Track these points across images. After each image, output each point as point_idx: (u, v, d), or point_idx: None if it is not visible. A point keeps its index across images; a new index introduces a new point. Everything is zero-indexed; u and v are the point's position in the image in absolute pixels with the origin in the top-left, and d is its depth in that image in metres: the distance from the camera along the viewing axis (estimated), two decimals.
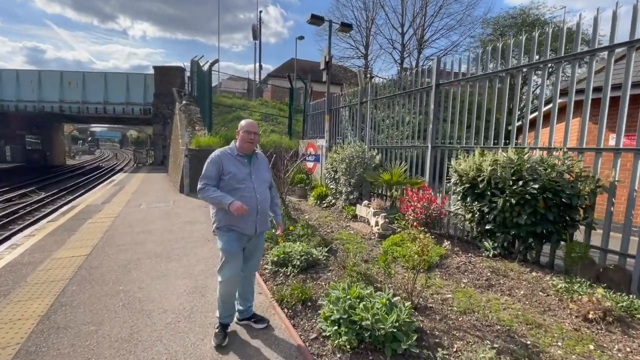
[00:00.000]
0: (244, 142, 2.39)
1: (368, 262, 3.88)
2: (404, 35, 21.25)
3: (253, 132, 2.38)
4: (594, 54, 3.63)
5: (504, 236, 3.84)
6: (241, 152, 2.41)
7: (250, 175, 2.41)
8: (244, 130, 2.38)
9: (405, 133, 6.26)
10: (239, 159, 2.39)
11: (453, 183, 4.29)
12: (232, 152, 2.40)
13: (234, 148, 2.42)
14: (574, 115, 4.42)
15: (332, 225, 5.59)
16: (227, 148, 2.43)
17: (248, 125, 2.40)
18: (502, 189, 3.74)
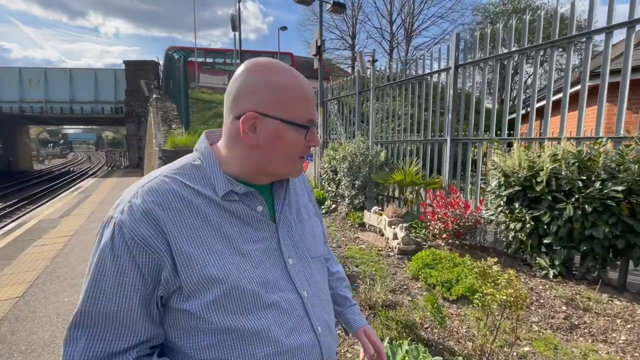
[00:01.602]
0: (290, 148, 0.69)
1: (397, 293, 2.97)
2: (392, 24, 20.44)
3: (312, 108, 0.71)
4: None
5: (568, 252, 3.00)
6: (254, 180, 0.72)
7: (283, 258, 0.72)
8: (296, 94, 0.68)
9: (416, 125, 5.37)
10: (241, 209, 0.69)
11: (495, 185, 3.42)
12: (218, 183, 0.67)
13: (220, 175, 0.68)
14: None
15: (337, 237, 4.65)
16: (188, 169, 0.69)
17: (300, 84, 0.69)
18: (568, 192, 2.89)
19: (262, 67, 0.67)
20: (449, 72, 4.70)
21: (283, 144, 0.66)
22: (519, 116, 3.89)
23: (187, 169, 0.67)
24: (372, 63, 5.81)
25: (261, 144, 0.66)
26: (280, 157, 0.68)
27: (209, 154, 0.69)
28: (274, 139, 0.66)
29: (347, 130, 7.50)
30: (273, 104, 0.65)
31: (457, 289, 2.83)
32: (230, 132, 0.68)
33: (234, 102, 0.67)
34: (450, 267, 3.18)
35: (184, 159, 0.70)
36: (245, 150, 0.67)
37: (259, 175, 0.71)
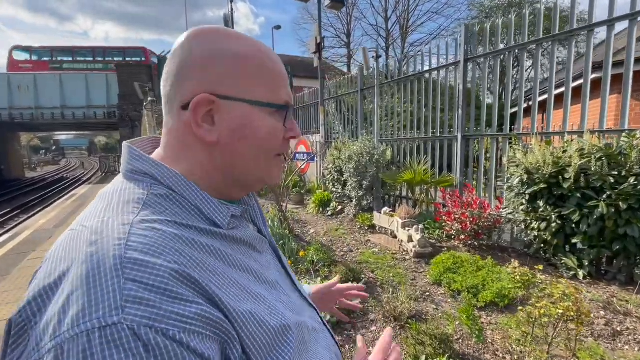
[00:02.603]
0: (268, 140, 0.51)
1: (419, 301, 2.79)
2: (387, 21, 20.26)
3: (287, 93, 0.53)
4: None
5: (598, 251, 2.84)
6: (226, 196, 0.53)
7: (290, 275, 0.61)
8: (270, 75, 0.50)
9: (423, 122, 5.20)
10: (243, 233, 0.52)
11: (517, 183, 3.25)
12: (214, 211, 0.48)
13: (209, 199, 0.48)
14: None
15: (348, 241, 4.46)
16: (161, 204, 0.44)
17: (272, 60, 0.51)
18: (598, 189, 2.73)
19: (212, 32, 0.48)
20: (458, 66, 4.54)
21: (254, 136, 0.48)
22: (534, 110, 3.74)
23: (159, 205, 0.43)
24: (376, 59, 5.62)
25: (224, 139, 0.47)
26: (252, 154, 0.49)
27: (172, 174, 0.46)
28: (241, 130, 0.48)
29: (347, 129, 7.34)
30: (235, 81, 0.47)
31: (485, 295, 2.66)
32: (177, 132, 0.48)
33: (175, 87, 0.47)
34: (474, 270, 3.02)
35: (127, 194, 0.44)
36: (204, 153, 0.48)
37: (230, 187, 0.52)
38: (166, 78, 0.48)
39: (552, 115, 3.59)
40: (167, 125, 0.50)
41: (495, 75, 4.13)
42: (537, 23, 3.64)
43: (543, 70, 14.08)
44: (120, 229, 0.38)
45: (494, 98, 4.21)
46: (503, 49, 4.09)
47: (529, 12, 3.80)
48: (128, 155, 0.48)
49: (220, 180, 0.50)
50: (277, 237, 3.89)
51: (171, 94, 0.47)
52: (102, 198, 0.45)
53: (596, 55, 5.65)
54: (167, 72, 0.48)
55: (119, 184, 0.47)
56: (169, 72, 0.48)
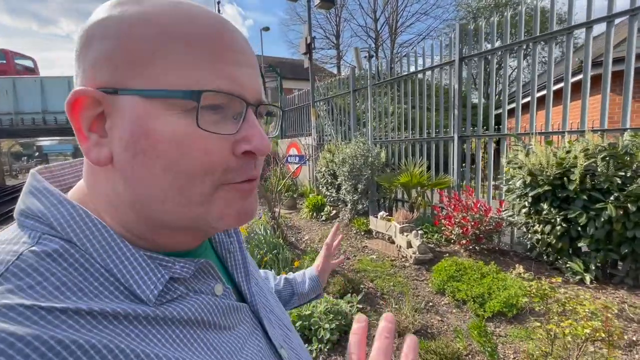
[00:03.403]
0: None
1: (423, 312, 2.64)
2: (376, 22, 20.24)
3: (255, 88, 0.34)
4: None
5: (604, 254, 2.74)
6: (163, 243, 0.36)
7: (280, 355, 0.42)
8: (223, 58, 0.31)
9: (418, 123, 5.08)
10: (193, 307, 0.34)
11: (520, 184, 3.14)
12: (134, 274, 0.31)
13: (128, 250, 0.32)
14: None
15: (344, 247, 4.29)
16: (35, 269, 0.27)
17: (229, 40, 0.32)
18: (605, 190, 2.63)
19: (105, 5, 0.32)
20: (453, 65, 4.44)
21: (153, 152, 0.30)
22: (533, 109, 3.65)
23: (34, 273, 0.27)
24: (369, 59, 5.49)
25: (118, 157, 0.31)
26: (163, 180, 0.30)
27: (77, 217, 0.30)
28: (138, 140, 0.30)
29: (339, 131, 7.20)
30: (129, 60, 0.29)
31: (492, 304, 2.53)
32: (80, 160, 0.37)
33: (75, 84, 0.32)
34: (478, 278, 2.89)
35: (0, 249, 0.29)
36: (105, 180, 0.32)
37: (157, 233, 0.34)
38: None
39: (551, 113, 3.50)
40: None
41: (491, 75, 4.03)
42: (534, 21, 3.55)
43: (539, 69, 14.20)
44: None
45: (490, 97, 4.11)
46: (499, 47, 4.00)
47: (525, 10, 3.72)
48: (26, 188, 0.32)
49: (139, 223, 0.33)
50: (270, 246, 3.70)
51: None
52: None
53: (595, 52, 5.65)
54: None
55: (4, 233, 0.31)
56: None
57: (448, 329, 2.44)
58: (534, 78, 3.71)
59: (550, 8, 3.45)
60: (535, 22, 3.53)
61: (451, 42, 4.44)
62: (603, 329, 1.28)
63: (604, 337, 1.28)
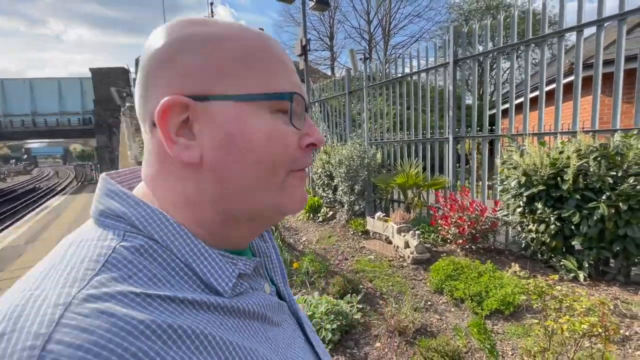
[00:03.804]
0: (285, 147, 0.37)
1: (422, 311, 2.67)
2: (370, 23, 20.36)
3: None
4: None
5: (597, 252, 2.81)
6: (226, 241, 0.38)
7: (317, 353, 0.45)
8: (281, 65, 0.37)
9: (413, 124, 5.14)
10: (256, 301, 0.37)
11: (515, 185, 3.20)
12: (210, 268, 0.34)
13: (204, 249, 0.35)
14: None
15: (342, 248, 4.32)
16: (130, 261, 0.30)
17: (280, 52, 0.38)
18: (597, 190, 2.70)
19: (178, 21, 0.36)
20: (447, 67, 4.50)
21: (250, 146, 0.34)
22: (526, 110, 3.72)
23: (129, 265, 0.30)
24: (364, 61, 5.54)
25: (209, 157, 0.34)
26: (251, 174, 0.34)
27: (156, 216, 0.33)
28: (229, 141, 0.34)
29: (334, 132, 7.24)
30: (213, 72, 0.34)
31: (489, 302, 2.58)
32: (153, 156, 0.36)
33: (144, 100, 0.35)
34: (475, 277, 2.93)
35: (86, 248, 0.30)
36: (188, 181, 0.34)
37: (231, 228, 0.37)
38: (136, 94, 0.36)
39: (543, 114, 3.57)
40: (147, 148, 0.37)
41: (484, 76, 4.10)
42: (527, 24, 3.63)
43: (531, 70, 14.46)
44: (47, 315, 0.24)
45: (484, 99, 4.19)
46: (492, 50, 4.07)
47: (517, 13, 3.80)
48: (100, 190, 0.35)
49: (214, 219, 0.36)
50: None
51: (141, 110, 0.35)
52: (56, 252, 0.32)
53: (585, 54, 5.77)
54: (136, 86, 0.36)
55: (84, 231, 0.34)
56: (137, 85, 0.36)
57: (447, 327, 2.48)
58: (526, 79, 3.79)
59: (542, 11, 3.53)
60: (528, 25, 3.61)
61: (445, 44, 4.51)
62: (600, 324, 1.32)
63: (600, 332, 1.32)
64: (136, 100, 0.36)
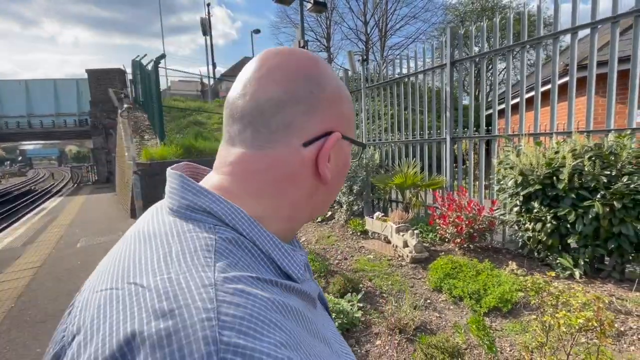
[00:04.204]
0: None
1: (421, 309, 2.71)
2: (366, 24, 20.44)
3: None
4: None
5: (592, 250, 2.87)
6: (288, 238, 0.45)
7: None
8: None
9: (410, 125, 5.19)
10: (309, 288, 0.42)
11: (512, 184, 3.25)
12: (288, 261, 0.39)
13: (281, 246, 0.39)
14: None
15: (341, 247, 4.36)
16: (233, 253, 0.35)
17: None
18: (592, 189, 2.76)
19: (325, 64, 0.45)
20: (444, 68, 4.55)
21: (345, 172, 0.49)
22: (522, 111, 3.78)
23: (232, 254, 0.34)
24: (362, 62, 5.58)
25: (333, 176, 0.44)
26: (339, 188, 0.50)
27: (238, 212, 0.37)
28: (343, 169, 0.47)
29: None
30: (348, 119, 0.46)
31: (488, 300, 2.62)
32: (283, 167, 0.40)
33: (291, 116, 0.40)
34: (473, 275, 2.98)
35: (191, 238, 0.34)
36: (307, 192, 0.43)
37: (297, 227, 0.47)
38: (273, 102, 0.39)
39: (539, 114, 3.63)
40: (257, 157, 0.40)
41: (481, 77, 4.15)
42: (522, 26, 3.69)
43: (527, 71, 14.60)
44: (203, 294, 0.28)
45: (481, 99, 4.23)
46: (488, 52, 4.12)
47: (513, 15, 3.86)
48: (180, 187, 0.39)
49: (299, 220, 0.45)
50: None
51: (280, 121, 0.40)
52: (149, 242, 0.35)
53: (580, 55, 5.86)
54: (272, 95, 0.40)
55: (169, 223, 0.37)
56: (276, 97, 0.39)
57: (447, 324, 2.52)
58: (522, 80, 3.85)
59: (537, 13, 3.58)
60: (523, 26, 3.67)
61: (442, 45, 4.56)
62: (595, 318, 1.36)
63: (596, 326, 1.37)
64: (267, 105, 0.39)
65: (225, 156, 0.42)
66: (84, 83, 17.69)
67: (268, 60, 0.41)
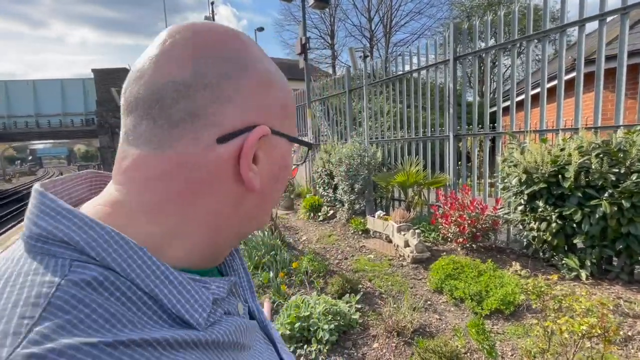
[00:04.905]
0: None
1: (421, 311, 2.64)
2: (371, 21, 20.26)
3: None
4: None
5: (599, 251, 2.77)
6: (214, 259, 0.38)
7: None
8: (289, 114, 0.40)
9: (413, 122, 5.10)
10: (232, 328, 0.34)
11: (516, 182, 3.16)
12: (179, 297, 0.30)
13: (174, 275, 0.30)
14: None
15: (342, 247, 4.30)
16: (81, 301, 0.25)
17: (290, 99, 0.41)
18: (599, 187, 2.66)
19: (252, 43, 0.37)
20: (448, 64, 4.45)
21: (285, 177, 0.41)
22: (527, 107, 3.67)
23: (79, 306, 0.24)
24: (364, 59, 5.50)
25: (264, 184, 0.36)
26: (277, 199, 0.42)
27: (113, 239, 0.28)
28: (280, 172, 0.39)
29: (335, 131, 7.21)
30: (281, 111, 0.38)
31: (490, 302, 2.55)
32: (192, 171, 0.31)
33: (198, 105, 0.31)
34: (475, 276, 2.90)
35: (21, 285, 0.25)
36: (227, 203, 0.34)
37: (228, 244, 0.38)
38: (174, 85, 0.30)
39: (545, 111, 3.52)
40: (159, 159, 0.31)
41: (485, 73, 4.06)
42: (527, 20, 3.58)
43: (533, 67, 14.29)
44: None
45: (485, 96, 4.14)
46: (493, 46, 4.01)
47: (518, 9, 3.75)
48: (36, 208, 0.28)
49: (226, 237, 0.36)
50: (268, 247, 3.69)
51: (184, 111, 0.30)
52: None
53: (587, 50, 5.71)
54: (174, 77, 0.30)
55: (16, 259, 0.27)
56: (179, 79, 0.30)
57: (446, 327, 2.45)
58: (528, 76, 3.74)
59: (543, 6, 3.47)
60: (529, 20, 3.56)
61: (445, 41, 4.46)
62: (599, 325, 1.29)
63: (600, 333, 1.29)
64: (169, 94, 0.30)
65: (120, 159, 0.32)
66: (90, 83, 17.86)
67: (175, 33, 0.32)
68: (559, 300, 1.51)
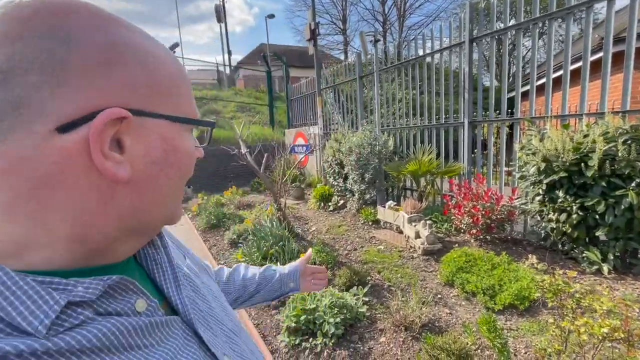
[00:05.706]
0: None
1: (431, 305, 2.57)
2: (384, 4, 19.61)
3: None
4: None
5: (624, 244, 2.61)
6: (103, 257, 0.34)
7: None
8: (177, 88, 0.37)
9: (426, 109, 4.91)
10: (106, 332, 0.30)
11: (534, 171, 2.99)
12: (18, 305, 0.27)
13: (15, 281, 0.27)
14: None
15: (351, 237, 4.24)
16: None
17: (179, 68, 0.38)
18: (626, 176, 2.48)
19: (89, 11, 0.31)
20: (463, 47, 4.23)
21: (179, 164, 0.36)
22: (548, 91, 3.45)
23: None
24: (374, 44, 5.30)
25: (139, 174, 0.33)
26: (172, 190, 0.37)
27: None
28: (164, 158, 0.35)
29: (346, 119, 7.06)
30: (149, 89, 0.33)
31: (503, 297, 2.45)
32: (32, 168, 0.28)
33: (25, 93, 0.27)
34: (489, 269, 2.79)
35: None
36: (91, 199, 0.30)
37: (120, 242, 0.35)
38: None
39: (568, 95, 3.30)
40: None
41: (503, 56, 3.83)
42: None
43: (555, 48, 13.47)
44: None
45: (503, 80, 3.92)
46: (511, 26, 3.77)
47: None
48: None
49: (106, 232, 0.32)
50: (276, 238, 3.67)
51: (3, 100, 0.26)
52: None
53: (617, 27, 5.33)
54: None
55: None
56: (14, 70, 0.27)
57: (457, 322, 2.37)
58: (549, 58, 3.50)
59: None
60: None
61: (461, 22, 4.22)
62: (623, 329, 1.19)
63: (623, 337, 1.19)
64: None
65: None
66: None
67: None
68: (577, 300, 1.40)
